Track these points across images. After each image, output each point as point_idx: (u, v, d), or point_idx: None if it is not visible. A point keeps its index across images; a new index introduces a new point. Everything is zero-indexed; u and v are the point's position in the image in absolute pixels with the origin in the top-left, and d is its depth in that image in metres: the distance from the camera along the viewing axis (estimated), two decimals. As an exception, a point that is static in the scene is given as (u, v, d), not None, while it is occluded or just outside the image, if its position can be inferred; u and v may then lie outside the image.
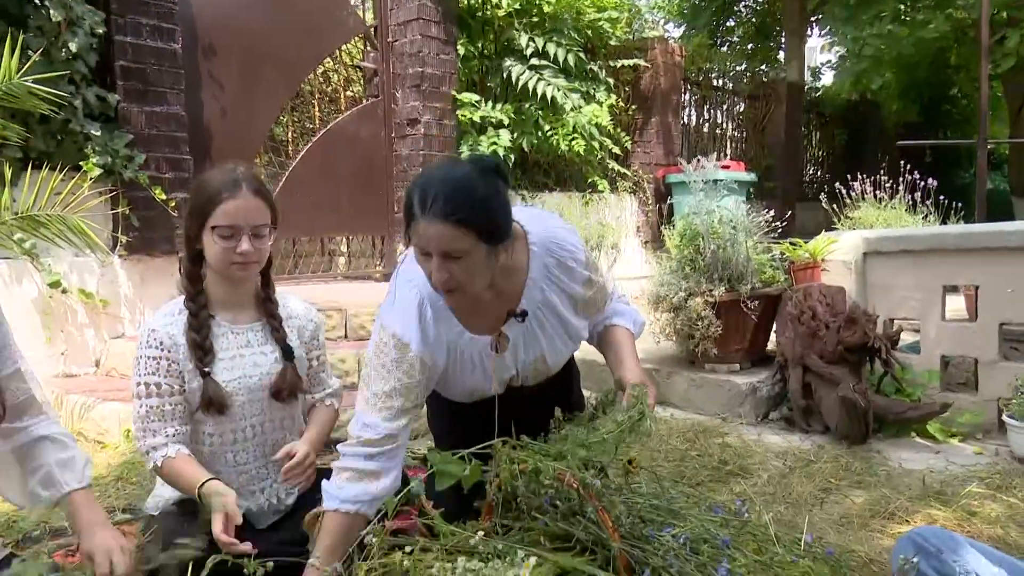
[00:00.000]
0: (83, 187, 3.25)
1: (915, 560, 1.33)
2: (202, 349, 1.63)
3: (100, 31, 3.43)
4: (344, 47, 5.38)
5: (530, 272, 1.62)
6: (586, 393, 3.95)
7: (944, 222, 4.68)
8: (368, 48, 5.14)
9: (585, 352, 4.25)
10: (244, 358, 1.69)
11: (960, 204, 4.95)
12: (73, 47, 3.27)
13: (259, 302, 1.76)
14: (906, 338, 3.75)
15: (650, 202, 6.78)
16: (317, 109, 5.78)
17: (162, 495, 1.71)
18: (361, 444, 1.53)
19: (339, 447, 1.59)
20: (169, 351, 1.62)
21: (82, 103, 3.39)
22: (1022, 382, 3.01)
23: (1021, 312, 3.19)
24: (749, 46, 11.83)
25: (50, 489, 1.44)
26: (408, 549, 1.33)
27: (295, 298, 1.87)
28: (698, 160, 4.05)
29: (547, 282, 1.64)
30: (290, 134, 6.08)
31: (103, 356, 3.63)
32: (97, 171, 3.40)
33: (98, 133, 3.42)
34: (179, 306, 1.68)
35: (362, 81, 5.36)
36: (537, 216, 1.70)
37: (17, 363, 1.47)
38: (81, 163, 3.38)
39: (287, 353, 1.74)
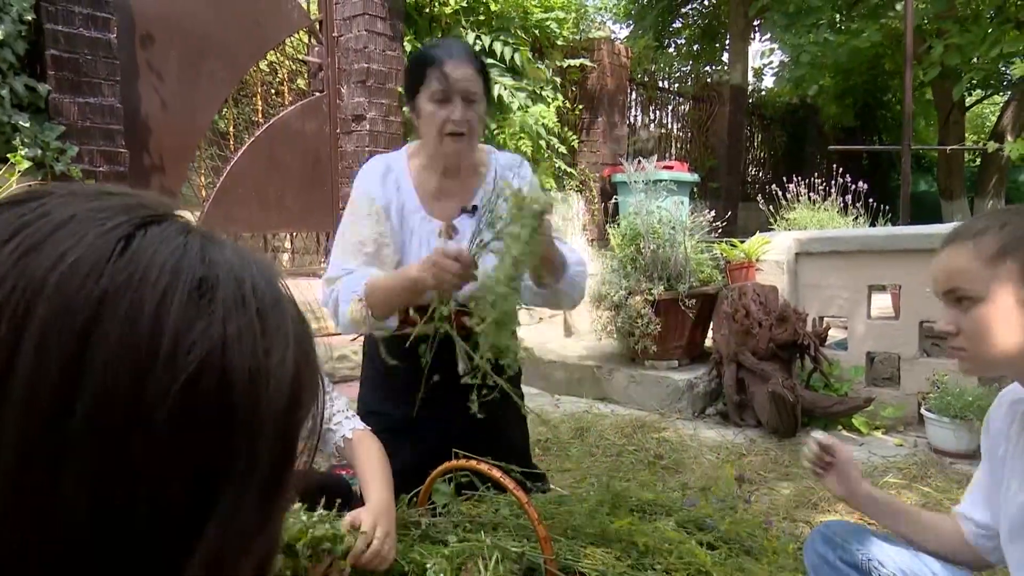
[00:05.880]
0: (11, 180, 3.14)
1: (823, 552, 1.41)
2: None
3: (29, 18, 3.31)
4: (289, 41, 5.30)
5: (488, 176, 1.77)
6: (532, 390, 4.02)
7: (873, 224, 4.88)
8: (313, 42, 5.08)
9: (530, 347, 4.28)
10: None
11: (889, 207, 5.16)
12: None
13: None
14: (836, 335, 3.92)
15: (596, 201, 6.87)
16: (261, 102, 5.68)
17: None
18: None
19: (321, 294, 1.72)
20: None
21: (9, 93, 3.27)
22: (939, 377, 3.18)
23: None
24: (695, 47, 12.07)
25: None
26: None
27: None
28: (639, 161, 4.14)
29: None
30: (232, 127, 5.96)
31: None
32: (26, 164, 3.28)
33: (27, 124, 3.31)
34: None
35: (307, 75, 5.29)
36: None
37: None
38: (9, 155, 3.26)
39: None
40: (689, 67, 10.71)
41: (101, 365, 0.33)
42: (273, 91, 5.74)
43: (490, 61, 5.32)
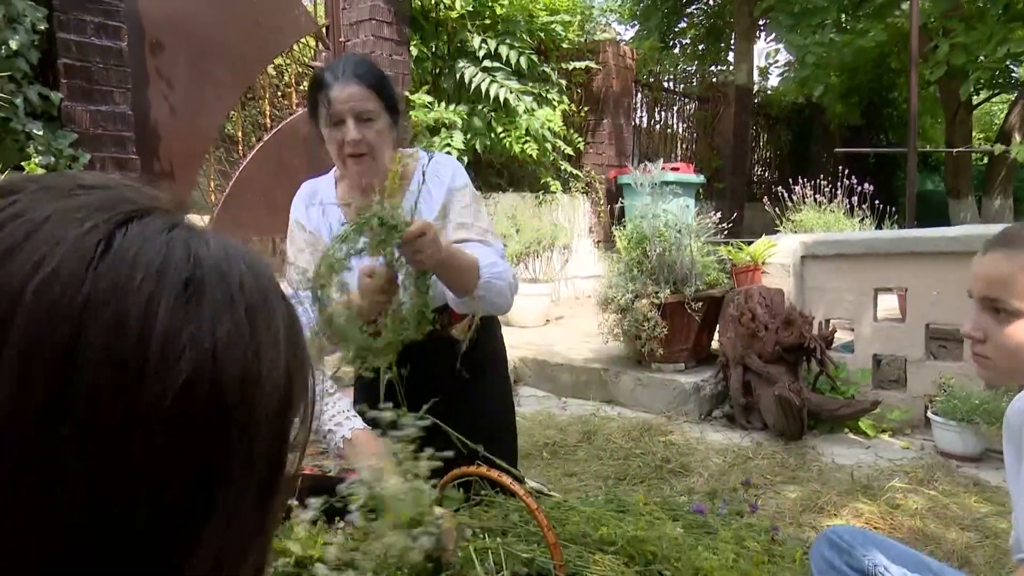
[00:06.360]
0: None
1: (829, 557, 1.43)
2: None
3: (42, 28, 3.35)
4: (296, 44, 5.34)
5: (411, 185, 1.71)
6: (539, 393, 4.04)
7: (879, 225, 4.89)
8: (320, 47, 5.11)
9: (537, 351, 4.31)
10: None
11: (895, 208, 5.17)
12: (13, 44, 3.19)
13: None
14: (843, 336, 3.93)
15: (602, 203, 6.89)
16: (268, 104, 5.73)
17: None
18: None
19: None
20: None
21: (23, 101, 3.31)
22: (946, 380, 3.19)
23: (946, 313, 3.38)
24: (700, 47, 12.06)
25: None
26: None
27: None
28: (644, 165, 4.15)
29: (426, 197, 1.70)
30: (240, 131, 6.00)
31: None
32: (40, 171, 3.33)
33: (40, 132, 3.35)
34: None
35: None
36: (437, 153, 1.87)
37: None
38: (23, 163, 3.30)
39: None
40: (694, 67, 10.72)
41: (90, 372, 0.33)
42: (279, 94, 5.78)
43: (496, 65, 5.35)
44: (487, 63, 5.33)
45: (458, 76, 5.33)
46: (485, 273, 1.64)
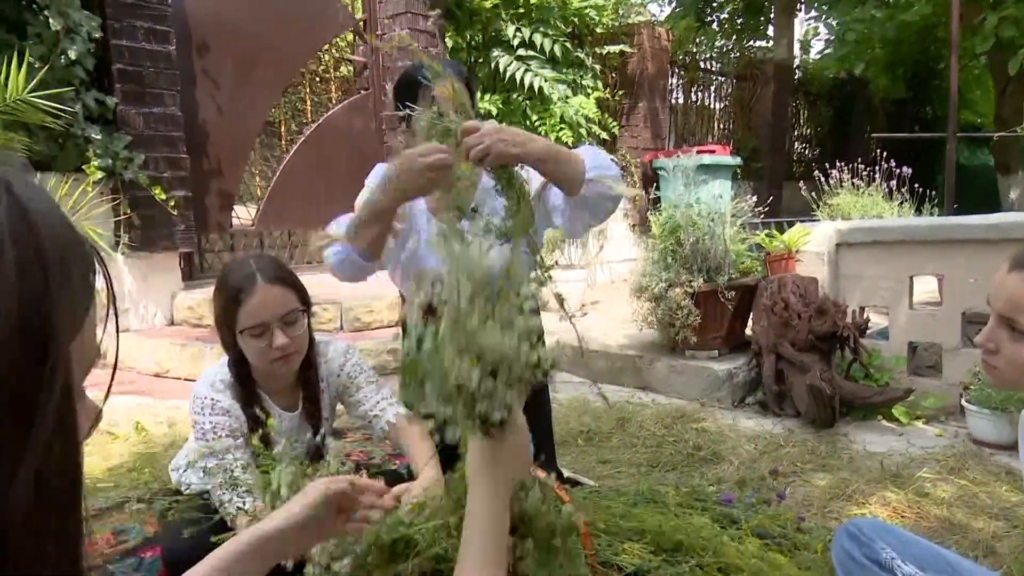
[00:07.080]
0: (89, 193, 3.38)
1: (849, 548, 1.51)
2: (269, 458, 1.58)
3: (97, 36, 3.53)
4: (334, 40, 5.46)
5: (483, 178, 1.67)
6: (575, 379, 4.14)
7: (919, 210, 4.84)
8: (357, 41, 5.22)
9: (573, 337, 4.40)
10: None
11: (935, 191, 5.10)
12: (72, 54, 3.37)
13: (299, 386, 1.75)
14: (880, 322, 3.93)
15: (637, 186, 6.91)
16: (309, 91, 5.88)
17: (187, 478, 1.81)
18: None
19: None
20: (235, 419, 1.63)
21: (82, 107, 3.50)
22: (981, 368, 3.19)
23: (982, 300, 3.36)
24: (738, 21, 11.84)
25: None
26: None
27: (335, 348, 1.83)
28: (678, 156, 4.18)
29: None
30: (282, 115, 6.16)
31: (108, 350, 3.78)
32: (99, 173, 3.52)
33: (98, 136, 3.54)
34: (224, 374, 1.66)
35: (353, 73, 5.45)
36: None
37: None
38: (83, 166, 3.50)
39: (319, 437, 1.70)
40: (731, 44, 10.56)
41: None
42: (317, 79, 5.93)
43: (531, 53, 5.40)
44: (521, 52, 5.38)
45: (492, 65, 5.40)
46: (591, 163, 1.59)
